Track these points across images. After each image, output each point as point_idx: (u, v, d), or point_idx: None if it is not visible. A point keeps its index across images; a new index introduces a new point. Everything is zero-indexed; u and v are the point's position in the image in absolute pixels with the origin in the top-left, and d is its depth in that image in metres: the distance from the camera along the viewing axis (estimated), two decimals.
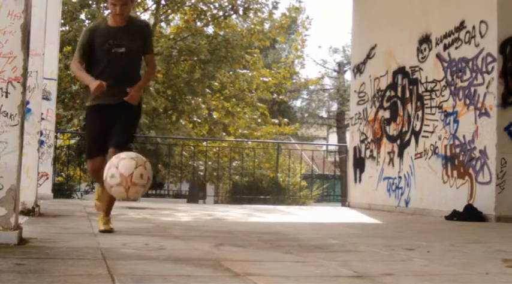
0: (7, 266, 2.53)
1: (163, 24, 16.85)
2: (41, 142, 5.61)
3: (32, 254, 2.89)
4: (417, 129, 8.19)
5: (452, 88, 7.49)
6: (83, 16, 14.69)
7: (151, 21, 16.31)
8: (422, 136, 8.06)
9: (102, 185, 4.12)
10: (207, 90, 15.94)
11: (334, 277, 2.62)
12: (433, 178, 7.75)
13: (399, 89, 8.72)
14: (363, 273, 2.68)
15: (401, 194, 8.47)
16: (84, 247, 3.32)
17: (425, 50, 8.12)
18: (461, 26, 7.39)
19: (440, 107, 7.71)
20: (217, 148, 15.34)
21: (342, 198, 11.84)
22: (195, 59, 15.19)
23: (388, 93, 9.03)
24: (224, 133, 16.42)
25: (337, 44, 66.76)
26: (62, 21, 12.50)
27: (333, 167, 19.35)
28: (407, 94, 8.49)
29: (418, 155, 8.13)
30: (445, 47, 7.69)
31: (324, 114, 30.10)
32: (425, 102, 8.05)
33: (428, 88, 7.98)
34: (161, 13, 16.29)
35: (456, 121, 7.39)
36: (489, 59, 6.87)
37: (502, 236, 5.07)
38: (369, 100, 9.57)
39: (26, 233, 3.63)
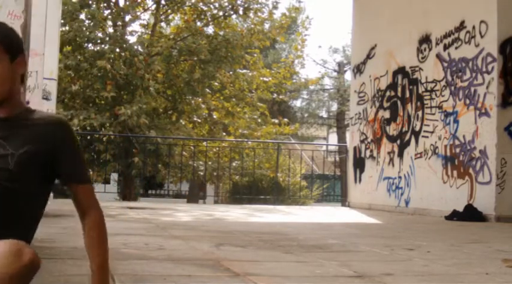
0: None
1: (163, 24, 16.84)
2: None
3: None
4: (417, 129, 8.19)
5: (452, 88, 7.49)
6: (83, 16, 14.68)
7: (151, 21, 16.34)
8: (422, 136, 8.06)
9: None
10: (207, 90, 15.92)
11: (334, 277, 2.62)
12: (433, 178, 7.74)
13: (399, 89, 8.72)
14: (362, 273, 2.68)
15: (402, 194, 8.47)
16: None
17: (425, 50, 8.12)
18: (461, 26, 7.39)
19: (440, 107, 7.71)
20: (217, 148, 15.33)
21: (342, 198, 11.83)
22: (195, 59, 15.17)
23: (388, 93, 9.02)
24: (224, 133, 16.40)
25: (337, 44, 66.80)
26: (62, 21, 12.49)
27: (333, 167, 19.35)
28: (407, 94, 8.49)
29: (418, 155, 8.12)
30: (445, 47, 7.68)
31: (324, 114, 30.09)
32: (425, 102, 8.05)
33: (428, 88, 7.98)
34: (161, 13, 16.28)
35: (456, 121, 7.38)
36: (489, 59, 6.87)
37: (502, 236, 5.07)
38: (369, 100, 9.57)
39: None
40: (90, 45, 14.99)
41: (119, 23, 15.70)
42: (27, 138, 1.73)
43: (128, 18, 15.86)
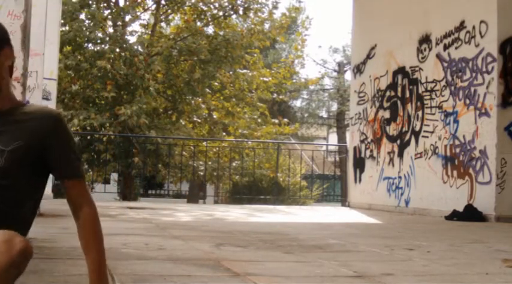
0: None
1: (163, 24, 16.84)
2: None
3: None
4: (417, 129, 8.19)
5: (452, 88, 7.49)
6: (83, 16, 14.68)
7: (152, 21, 16.33)
8: (422, 136, 8.06)
9: None
10: (207, 90, 15.92)
11: (334, 277, 2.62)
12: (433, 178, 7.74)
13: (399, 89, 8.72)
14: (363, 273, 2.68)
15: (401, 194, 8.47)
16: None
17: (425, 50, 8.12)
18: (461, 26, 7.39)
19: (440, 107, 7.71)
20: (217, 148, 15.33)
21: (342, 198, 11.83)
22: (195, 59, 15.17)
23: (388, 93, 9.02)
24: (224, 133, 16.40)
25: (337, 44, 66.74)
26: (62, 21, 12.49)
27: (333, 167, 19.34)
28: (407, 94, 8.49)
29: (418, 155, 8.12)
30: (445, 47, 7.68)
31: (324, 114, 30.09)
32: (425, 102, 8.05)
33: (428, 88, 7.98)
34: (161, 13, 16.28)
35: (456, 121, 7.38)
36: (489, 59, 6.87)
37: (502, 236, 5.07)
38: (369, 100, 9.57)
39: None
40: (90, 45, 15.00)
41: (119, 23, 15.70)
42: (17, 133, 1.68)
43: (128, 18, 15.87)
